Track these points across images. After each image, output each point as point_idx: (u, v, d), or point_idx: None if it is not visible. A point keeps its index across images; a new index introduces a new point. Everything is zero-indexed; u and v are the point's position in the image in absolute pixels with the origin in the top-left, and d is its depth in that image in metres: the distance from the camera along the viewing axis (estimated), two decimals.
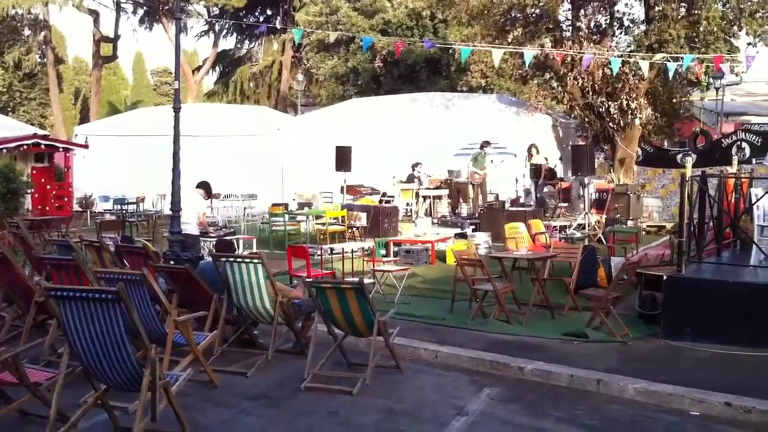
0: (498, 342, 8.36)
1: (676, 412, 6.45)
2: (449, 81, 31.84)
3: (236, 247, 11.31)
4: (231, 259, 7.91)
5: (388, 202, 18.11)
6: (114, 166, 23.52)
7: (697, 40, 20.11)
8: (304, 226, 16.19)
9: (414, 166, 19.02)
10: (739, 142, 21.34)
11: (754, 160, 18.26)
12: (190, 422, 5.65)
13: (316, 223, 15.71)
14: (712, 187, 10.58)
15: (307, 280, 8.10)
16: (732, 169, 13.47)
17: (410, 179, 18.59)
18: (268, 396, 6.86)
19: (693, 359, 7.68)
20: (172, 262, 9.21)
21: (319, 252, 11.99)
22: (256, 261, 7.75)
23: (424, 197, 18.19)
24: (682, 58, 17.17)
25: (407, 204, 18.15)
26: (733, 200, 10.98)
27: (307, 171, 22.54)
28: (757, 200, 9.59)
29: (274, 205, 17.39)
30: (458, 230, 14.70)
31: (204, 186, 12.37)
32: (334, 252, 12.23)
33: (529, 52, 17.28)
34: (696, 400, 6.50)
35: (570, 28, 21.80)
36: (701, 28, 19.91)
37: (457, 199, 18.48)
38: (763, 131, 19.70)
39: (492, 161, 18.71)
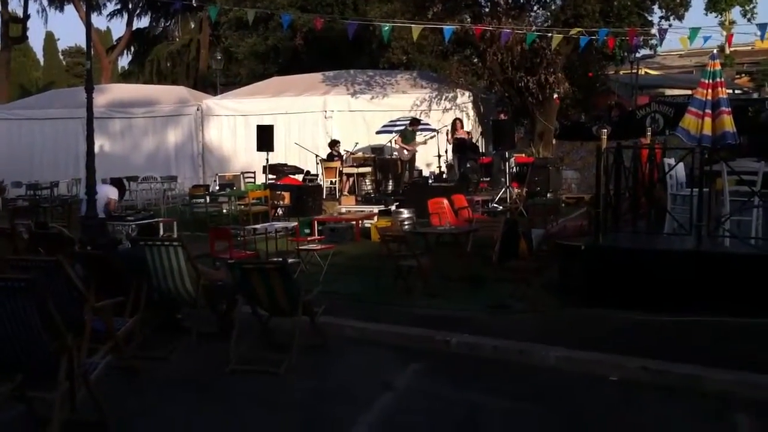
0: (424, 317, 8.41)
1: (596, 377, 6.62)
2: (371, 58, 31.71)
3: (158, 230, 11.07)
4: (150, 243, 7.73)
5: (311, 180, 18.01)
6: (26, 150, 22.68)
7: (611, 14, 20.53)
8: (227, 208, 15.96)
9: (332, 145, 18.92)
10: (653, 114, 21.98)
11: (667, 131, 18.85)
12: (110, 410, 5.51)
13: (239, 204, 15.51)
14: (628, 158, 10.84)
15: (230, 261, 7.99)
16: (646, 140, 13.82)
17: (330, 158, 18.51)
18: (192, 380, 6.76)
19: (610, 326, 7.87)
20: (88, 248, 8.94)
21: (242, 233, 11.83)
22: (176, 244, 7.60)
23: (348, 175, 18.14)
24: (597, 32, 17.50)
25: (331, 182, 18.08)
26: (647, 170, 11.28)
27: (228, 151, 22.21)
28: (670, 170, 9.86)
29: (194, 186, 17.07)
30: (382, 207, 14.72)
31: (116, 185, 12.11)
32: (257, 232, 12.09)
33: (449, 28, 17.34)
34: (615, 366, 6.69)
35: (489, 3, 21.96)
36: (616, 3, 20.36)
37: (382, 176, 18.51)
38: (676, 103, 20.34)
39: (417, 138, 18.77)
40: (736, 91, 33.44)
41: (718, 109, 9.53)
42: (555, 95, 20.98)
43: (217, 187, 18.30)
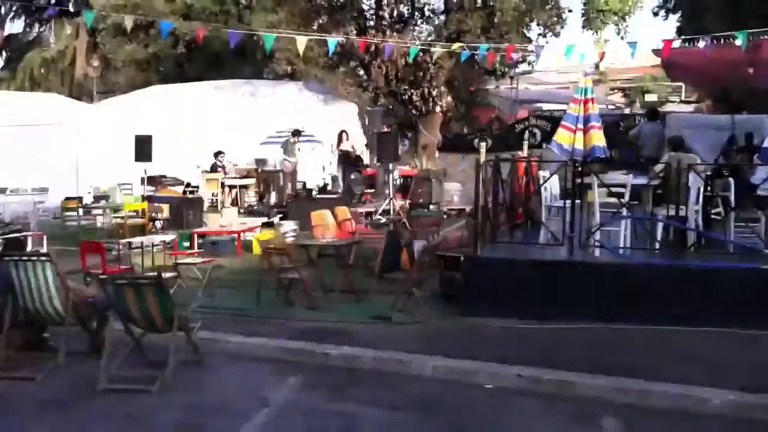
0: (304, 330, 8.33)
1: (473, 386, 6.74)
2: (256, 68, 31.42)
3: (26, 245, 10.52)
4: (16, 259, 7.33)
5: (192, 192, 17.59)
6: None
7: (493, 30, 21.15)
8: (101, 220, 15.36)
9: (216, 154, 18.59)
10: (531, 128, 22.68)
11: (544, 145, 19.47)
12: None
13: (115, 217, 14.96)
14: (507, 170, 11.14)
15: (102, 277, 7.67)
16: (523, 153, 14.24)
17: (214, 168, 18.17)
18: (60, 401, 6.44)
19: (488, 335, 8.05)
20: None
21: (116, 247, 11.40)
22: (44, 259, 7.23)
23: (230, 187, 17.84)
24: (478, 47, 17.96)
25: (213, 194, 17.72)
26: (524, 183, 11.62)
27: (104, 162, 21.37)
28: (544, 182, 10.19)
29: (67, 198, 16.36)
30: (265, 219, 14.55)
31: None
32: (133, 246, 11.68)
33: (333, 40, 17.38)
34: (490, 374, 6.83)
35: (374, 17, 22.19)
36: (496, 20, 21.00)
37: (265, 188, 18.31)
38: (553, 117, 21.05)
39: (299, 149, 18.66)
40: (610, 107, 34.91)
41: (588, 123, 9.93)
42: (438, 108, 21.36)
43: (92, 199, 17.60)
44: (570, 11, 24.10)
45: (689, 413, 6.12)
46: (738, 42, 11.08)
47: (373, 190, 18.46)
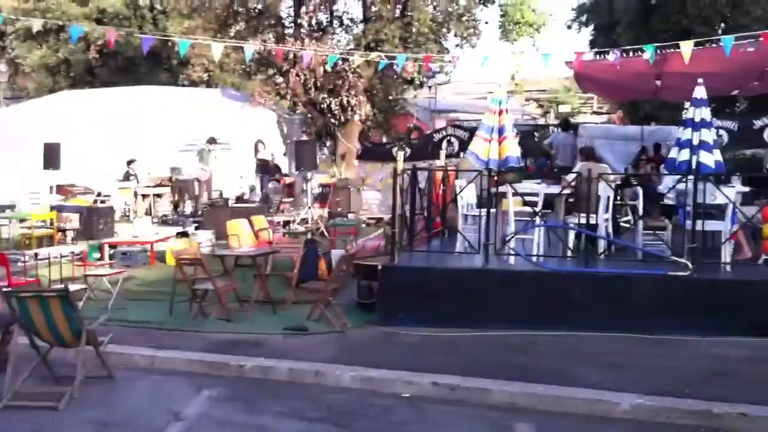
0: (219, 342, 8.18)
1: (390, 395, 6.74)
2: (171, 74, 30.81)
3: None
4: None
5: (103, 201, 17.07)
6: None
7: (410, 40, 21.34)
8: (7, 231, 14.75)
9: (129, 162, 18.13)
10: (449, 137, 22.98)
11: (462, 154, 19.72)
12: None
13: (21, 227, 14.38)
14: (425, 179, 11.22)
15: (6, 289, 7.35)
16: (440, 162, 14.37)
17: (126, 177, 17.71)
18: None
19: (405, 343, 8.07)
20: None
21: (22, 258, 10.96)
22: None
23: (143, 195, 17.42)
24: (396, 56, 18.05)
25: (125, 203, 17.25)
26: (441, 192, 11.72)
27: (9, 170, 20.56)
28: (461, 191, 10.29)
29: None
30: (180, 229, 14.24)
31: None
32: (40, 258, 11.24)
33: (250, 47, 17.20)
34: (407, 382, 6.84)
35: (292, 24, 22.07)
36: (414, 30, 21.19)
37: (180, 197, 17.95)
38: (471, 127, 21.34)
39: (216, 157, 18.36)
40: (525, 117, 35.66)
41: (503, 134, 10.07)
42: (356, 117, 21.38)
43: None
44: (486, 23, 24.55)
45: (600, 417, 6.25)
46: (646, 55, 11.43)
47: (291, 199, 18.31)
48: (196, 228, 14.52)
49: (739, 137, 20.05)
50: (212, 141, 18.30)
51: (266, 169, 18.81)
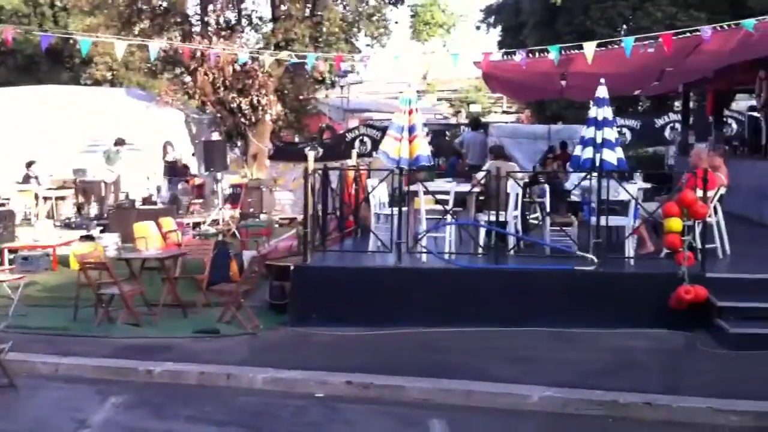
0: (126, 347, 7.96)
1: (303, 396, 6.68)
2: (73, 73, 29.83)
3: None
4: None
5: (2, 205, 16.34)
6: None
7: (321, 39, 21.25)
8: None
9: (28, 165, 17.42)
10: (361, 137, 23.04)
11: (374, 153, 19.78)
12: None
13: None
14: (338, 179, 11.17)
15: None
16: (352, 162, 14.34)
17: (26, 179, 17.02)
18: None
19: (318, 344, 8.03)
20: None
21: None
22: None
23: (45, 198, 16.77)
24: (306, 56, 17.93)
25: (26, 206, 16.57)
26: (353, 191, 11.69)
27: None
28: (372, 190, 10.29)
29: None
30: (84, 232, 13.77)
31: None
32: None
33: (154, 45, 16.77)
34: (320, 382, 6.80)
35: (199, 22, 21.66)
36: (324, 29, 21.12)
37: (84, 199, 17.35)
38: (384, 127, 21.45)
39: (122, 158, 17.82)
40: (437, 116, 36.09)
41: (413, 133, 10.10)
42: (267, 117, 21.15)
43: None
44: (397, 23, 24.69)
45: (511, 411, 6.35)
46: (551, 56, 11.68)
47: (201, 200, 17.95)
48: (102, 231, 14.07)
49: (642, 135, 20.84)
50: (120, 142, 17.74)
51: (175, 171, 18.40)
